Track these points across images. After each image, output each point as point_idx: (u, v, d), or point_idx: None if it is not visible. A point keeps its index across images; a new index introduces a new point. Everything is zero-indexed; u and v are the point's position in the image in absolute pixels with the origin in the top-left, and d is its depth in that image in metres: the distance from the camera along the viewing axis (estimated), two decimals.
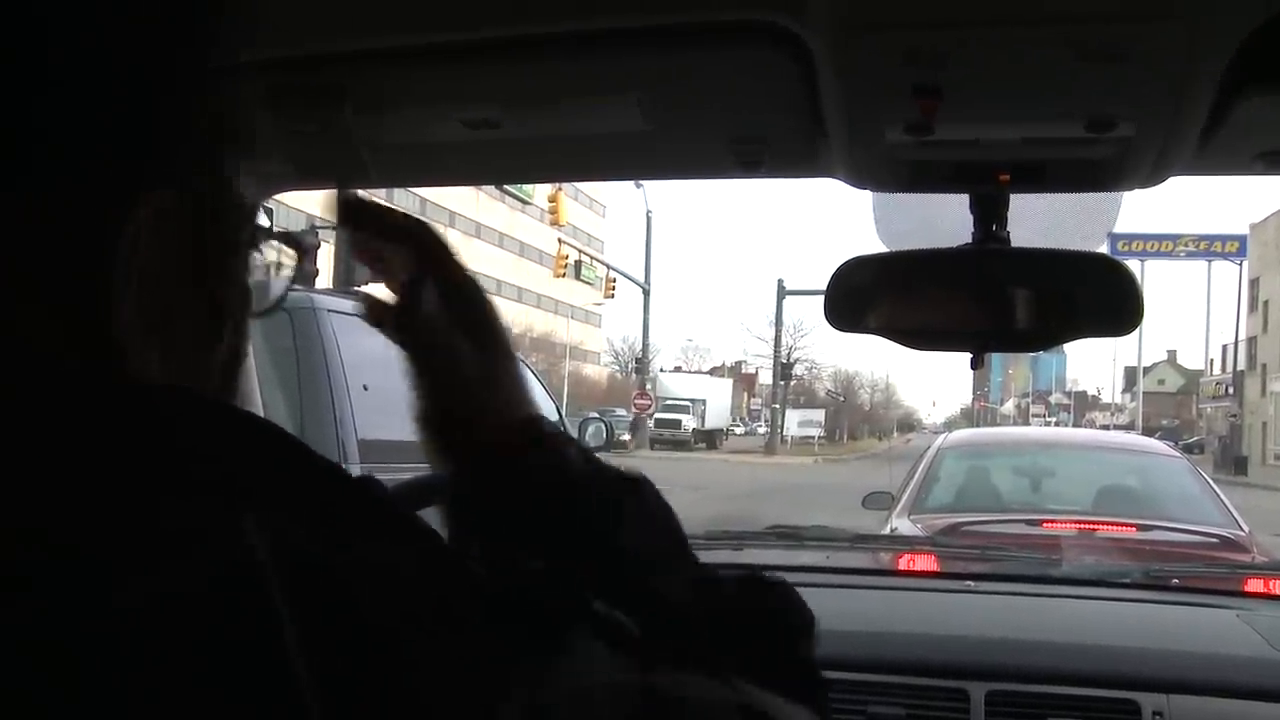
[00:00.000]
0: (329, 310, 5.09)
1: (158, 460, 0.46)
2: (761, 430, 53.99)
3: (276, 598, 0.42)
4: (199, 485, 0.46)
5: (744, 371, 73.22)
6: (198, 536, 0.43)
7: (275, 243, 0.62)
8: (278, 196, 1.60)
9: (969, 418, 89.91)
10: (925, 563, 2.66)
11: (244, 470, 0.48)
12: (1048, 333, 1.34)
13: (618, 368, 63.84)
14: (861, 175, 1.25)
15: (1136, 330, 1.35)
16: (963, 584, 2.11)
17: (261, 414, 1.60)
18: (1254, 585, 2.33)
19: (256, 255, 0.60)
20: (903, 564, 2.66)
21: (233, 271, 0.56)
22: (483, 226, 56.91)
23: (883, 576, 2.42)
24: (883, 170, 1.24)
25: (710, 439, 48.01)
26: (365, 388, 4.98)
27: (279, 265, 0.63)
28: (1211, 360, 59.18)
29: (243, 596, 0.42)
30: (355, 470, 4.34)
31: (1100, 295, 1.29)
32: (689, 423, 45.23)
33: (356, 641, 0.44)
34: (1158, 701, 1.51)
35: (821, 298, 1.33)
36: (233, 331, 0.57)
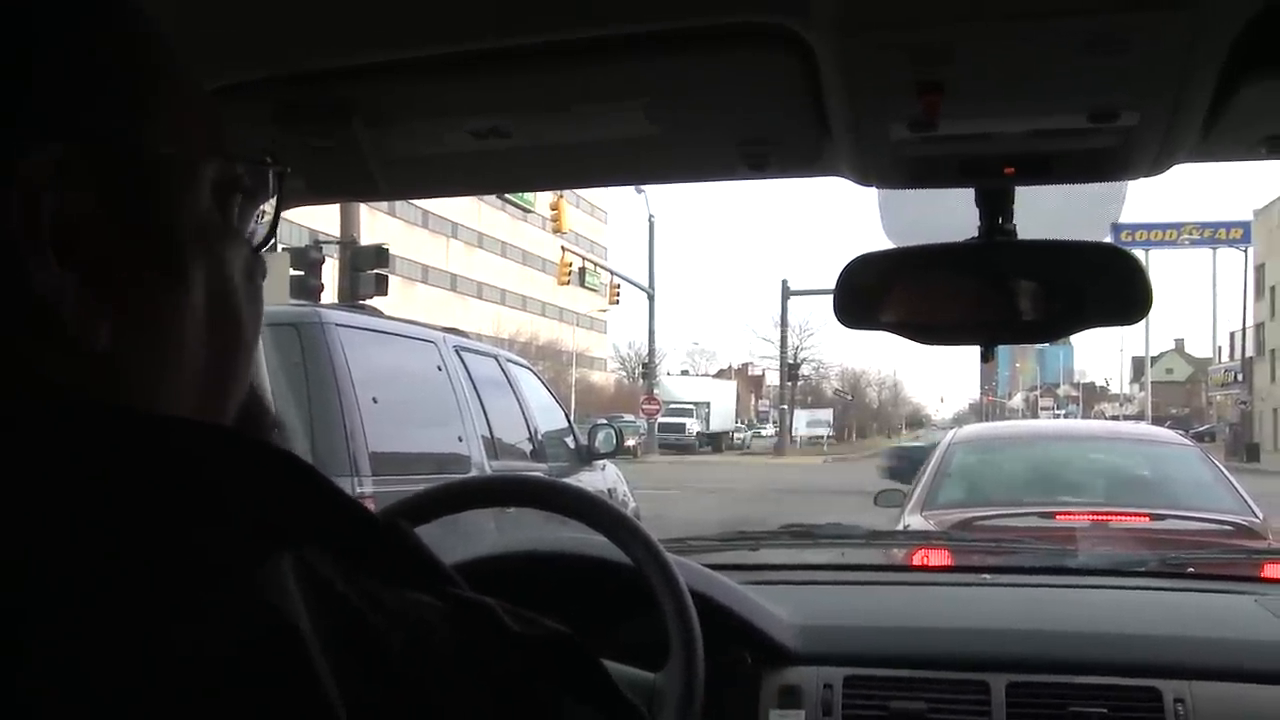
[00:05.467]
0: (336, 324, 5.10)
1: (189, 498, 0.45)
2: (768, 433, 53.89)
3: (312, 645, 0.41)
4: (234, 524, 0.45)
5: (750, 373, 73.18)
6: (233, 577, 0.43)
7: (235, 172, 0.58)
8: (285, 213, 1.61)
9: (977, 412, 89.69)
10: (940, 557, 2.66)
11: (279, 509, 0.47)
12: (1057, 323, 1.34)
13: (624, 373, 63.83)
14: (867, 173, 1.26)
15: (1145, 319, 1.35)
16: (979, 577, 2.11)
17: (280, 428, 1.60)
18: (1271, 570, 2.33)
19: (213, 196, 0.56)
20: (918, 559, 2.66)
21: (180, 215, 0.53)
22: (485, 236, 56.93)
23: (898, 572, 2.43)
24: (888, 167, 1.24)
25: (715, 442, 47.98)
26: (375, 400, 4.99)
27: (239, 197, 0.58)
28: (1220, 348, 59.03)
29: (279, 643, 0.41)
30: (369, 484, 4.31)
31: (1108, 284, 1.29)
32: (693, 426, 45.23)
33: (388, 690, 0.43)
34: (1179, 689, 1.51)
35: (825, 297, 1.34)
36: (207, 276, 0.54)
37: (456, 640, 0.47)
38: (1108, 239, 1.63)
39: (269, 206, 0.60)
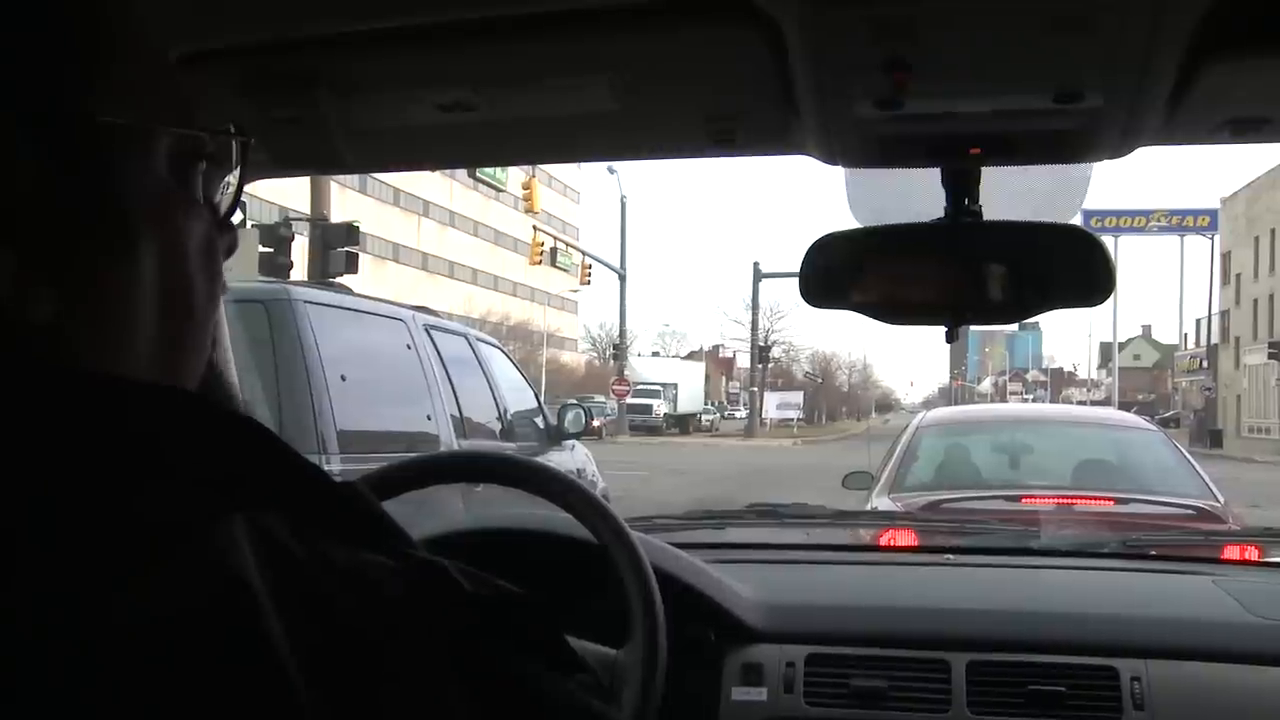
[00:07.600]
0: (305, 301, 5.07)
1: (142, 457, 0.45)
2: (741, 415, 54.08)
3: (264, 604, 0.41)
4: (187, 484, 0.45)
5: (721, 355, 73.28)
6: (185, 535, 0.42)
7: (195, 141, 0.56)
8: (250, 189, 1.59)
9: (947, 397, 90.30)
10: (905, 538, 2.68)
11: (235, 471, 0.47)
12: (1021, 304, 1.35)
13: (595, 354, 63.78)
14: (833, 151, 1.26)
15: (1110, 302, 1.36)
16: (942, 558, 2.13)
17: (242, 405, 1.59)
18: (1230, 552, 2.36)
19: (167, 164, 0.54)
20: (883, 540, 2.68)
21: (129, 184, 0.52)
22: (457, 215, 56.68)
23: (863, 552, 2.44)
24: (854, 146, 1.24)
25: (682, 424, 48.03)
26: (343, 378, 4.97)
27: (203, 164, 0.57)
28: (1186, 334, 59.50)
29: (232, 602, 0.41)
30: (337, 462, 4.29)
31: (1072, 266, 1.30)
32: (660, 407, 45.23)
33: (339, 651, 0.43)
34: (1136, 667, 1.53)
35: (796, 280, 1.34)
36: (159, 247, 0.53)
37: (408, 599, 0.47)
38: (1077, 223, 1.63)
39: (234, 178, 0.60)
